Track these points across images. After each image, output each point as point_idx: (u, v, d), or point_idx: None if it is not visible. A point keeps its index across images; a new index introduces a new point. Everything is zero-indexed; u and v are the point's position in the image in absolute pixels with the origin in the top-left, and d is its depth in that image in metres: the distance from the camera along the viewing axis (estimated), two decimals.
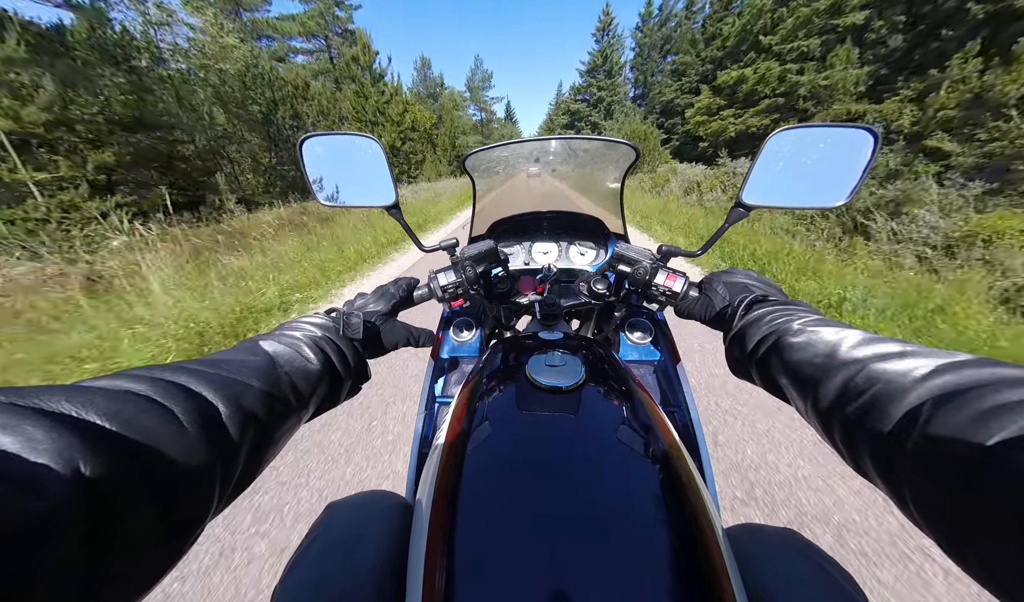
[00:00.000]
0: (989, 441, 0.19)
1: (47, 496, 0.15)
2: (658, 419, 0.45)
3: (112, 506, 0.17)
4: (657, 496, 0.34)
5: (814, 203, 0.55)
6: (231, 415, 0.27)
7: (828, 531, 1.30)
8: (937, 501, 0.22)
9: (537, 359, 0.49)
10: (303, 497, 1.50)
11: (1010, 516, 0.17)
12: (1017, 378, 0.22)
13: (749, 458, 1.62)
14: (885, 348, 0.30)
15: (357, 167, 0.64)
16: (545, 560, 0.28)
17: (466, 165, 0.93)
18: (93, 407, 0.19)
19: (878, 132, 0.49)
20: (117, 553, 0.17)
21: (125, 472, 0.18)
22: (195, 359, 0.32)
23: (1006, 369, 0.23)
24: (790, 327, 0.38)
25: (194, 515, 0.23)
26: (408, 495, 0.70)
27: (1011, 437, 0.19)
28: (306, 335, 0.43)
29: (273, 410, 0.32)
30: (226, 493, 0.27)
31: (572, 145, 1.03)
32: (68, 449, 0.16)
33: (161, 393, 0.23)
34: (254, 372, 0.33)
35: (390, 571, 0.37)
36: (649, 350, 0.92)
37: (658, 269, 0.60)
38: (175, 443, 0.21)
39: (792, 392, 0.36)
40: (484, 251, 0.68)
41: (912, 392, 0.25)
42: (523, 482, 0.35)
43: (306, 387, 0.38)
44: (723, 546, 0.33)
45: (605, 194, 1.13)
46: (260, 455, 0.31)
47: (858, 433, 0.27)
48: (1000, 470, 0.18)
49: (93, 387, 0.21)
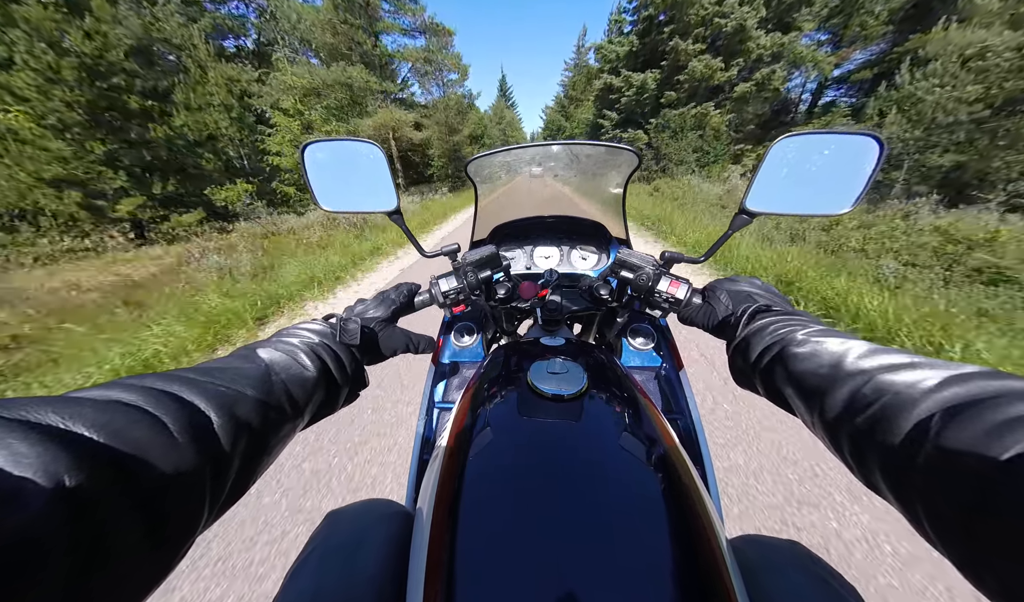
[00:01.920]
0: (1003, 455, 0.19)
1: (30, 509, 0.14)
2: (661, 427, 0.44)
3: (97, 519, 0.17)
4: (660, 506, 0.34)
5: (818, 210, 0.55)
6: (224, 424, 0.27)
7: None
8: (951, 519, 0.21)
9: (539, 366, 0.49)
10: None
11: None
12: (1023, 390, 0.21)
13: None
14: (892, 359, 0.29)
15: (359, 172, 0.64)
16: (547, 571, 0.28)
17: (468, 170, 0.93)
18: (81, 418, 0.19)
19: (883, 140, 0.49)
20: (102, 567, 0.17)
21: (111, 484, 0.18)
22: (190, 367, 0.31)
23: (1015, 381, 0.22)
24: (795, 337, 0.38)
25: (183, 527, 0.22)
26: (408, 502, 0.70)
27: None
28: (303, 342, 0.43)
29: (267, 419, 0.32)
30: (217, 505, 0.26)
31: (574, 150, 1.03)
32: (54, 462, 0.16)
33: (152, 403, 0.23)
34: (249, 380, 0.33)
35: (390, 581, 0.36)
36: (651, 356, 0.92)
37: (661, 275, 0.60)
38: (164, 454, 0.21)
39: (797, 403, 0.35)
40: (486, 256, 0.68)
41: (921, 404, 0.24)
42: (525, 491, 0.34)
43: (302, 395, 0.38)
44: (727, 557, 0.32)
45: (608, 199, 1.13)
46: (253, 465, 0.31)
47: (867, 446, 0.27)
48: (1017, 487, 0.18)
49: (83, 398, 0.21)
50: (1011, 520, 0.18)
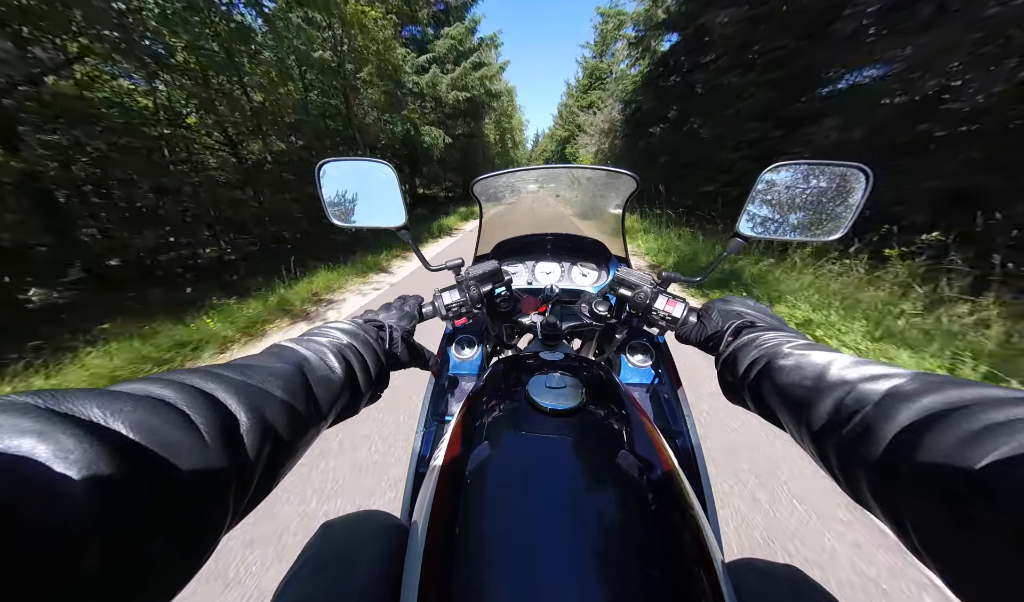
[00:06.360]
0: (977, 464, 0.19)
1: (72, 504, 0.15)
2: (658, 446, 0.44)
3: (129, 517, 0.17)
4: (656, 526, 0.34)
5: (808, 236, 0.57)
6: (251, 427, 0.27)
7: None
8: (936, 530, 0.21)
9: (538, 380, 0.49)
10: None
11: (1010, 548, 0.17)
12: (997, 398, 0.22)
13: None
14: (872, 370, 0.30)
15: (370, 190, 0.67)
16: (540, 588, 0.28)
17: (474, 190, 0.97)
18: (121, 416, 0.20)
19: (870, 171, 0.51)
20: (132, 566, 0.17)
21: (144, 484, 0.18)
22: (225, 363, 0.32)
23: (987, 389, 0.23)
24: (780, 350, 0.38)
25: (209, 529, 0.23)
26: (403, 515, 0.69)
27: (1000, 459, 0.18)
28: (332, 342, 0.43)
29: (293, 421, 0.32)
30: (241, 507, 0.27)
31: (575, 173, 1.07)
32: (96, 460, 0.17)
33: (187, 401, 0.24)
34: (279, 381, 0.33)
35: (383, 595, 0.36)
36: (649, 374, 0.93)
37: (658, 294, 0.61)
38: (195, 456, 0.22)
39: (785, 415, 0.36)
40: (488, 271, 0.70)
41: (901, 413, 0.25)
42: (520, 507, 0.35)
43: (327, 397, 0.38)
44: (723, 581, 0.32)
45: (608, 220, 1.16)
46: (276, 468, 0.31)
47: (852, 458, 0.27)
48: (991, 497, 0.18)
49: (123, 392, 0.22)
50: (987, 532, 0.18)
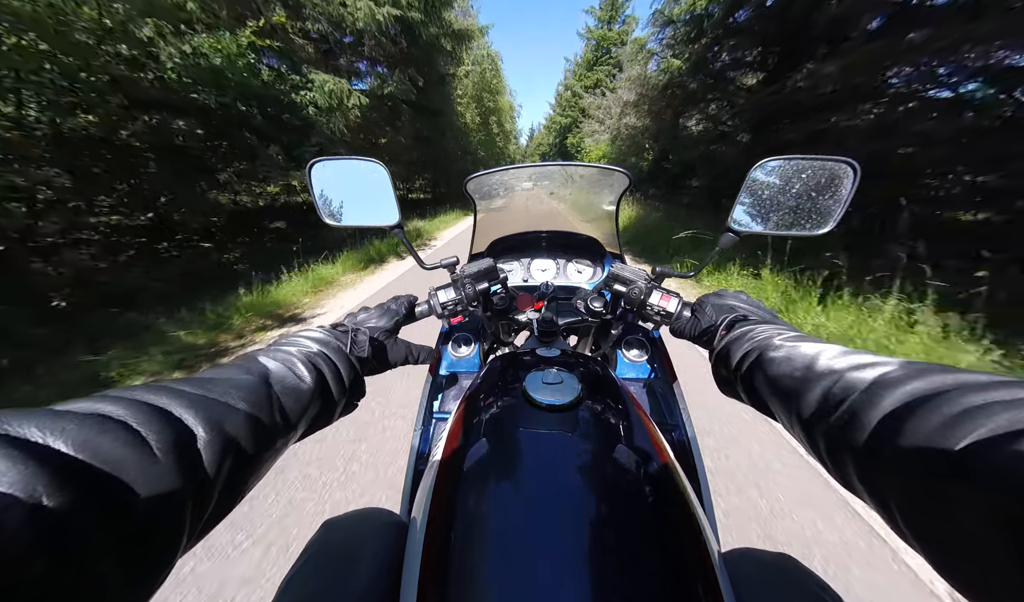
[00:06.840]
0: (957, 446, 0.19)
1: (6, 527, 0.14)
2: (654, 439, 0.45)
3: (73, 540, 0.16)
4: (653, 518, 0.34)
5: (799, 230, 0.58)
6: (210, 442, 0.26)
7: None
8: (918, 511, 0.21)
9: (535, 376, 0.50)
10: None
11: (987, 526, 0.17)
12: (978, 383, 0.22)
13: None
14: (860, 359, 0.31)
15: (363, 189, 0.67)
16: (539, 582, 0.28)
17: (467, 188, 0.97)
18: (63, 434, 0.18)
19: (857, 165, 0.52)
20: (79, 590, 0.16)
21: (88, 504, 0.17)
22: (186, 378, 0.30)
23: (969, 375, 0.24)
24: (771, 342, 0.39)
25: (162, 550, 0.21)
26: (403, 512, 0.70)
27: (978, 440, 0.19)
28: (301, 351, 0.42)
29: (257, 434, 0.31)
30: (199, 526, 0.25)
31: (569, 170, 1.07)
32: (32, 480, 0.16)
33: (138, 418, 0.23)
34: (241, 392, 0.31)
35: (383, 592, 0.37)
36: (645, 368, 0.93)
37: (652, 289, 0.62)
38: (144, 473, 0.20)
39: (776, 405, 0.37)
40: (483, 269, 0.70)
41: (885, 399, 0.25)
42: (518, 502, 0.35)
43: (296, 408, 0.37)
44: (719, 570, 0.33)
45: (602, 216, 1.16)
46: (239, 483, 0.29)
47: (840, 444, 0.28)
48: (969, 478, 0.18)
49: (67, 411, 0.21)
50: (965, 510, 0.18)
